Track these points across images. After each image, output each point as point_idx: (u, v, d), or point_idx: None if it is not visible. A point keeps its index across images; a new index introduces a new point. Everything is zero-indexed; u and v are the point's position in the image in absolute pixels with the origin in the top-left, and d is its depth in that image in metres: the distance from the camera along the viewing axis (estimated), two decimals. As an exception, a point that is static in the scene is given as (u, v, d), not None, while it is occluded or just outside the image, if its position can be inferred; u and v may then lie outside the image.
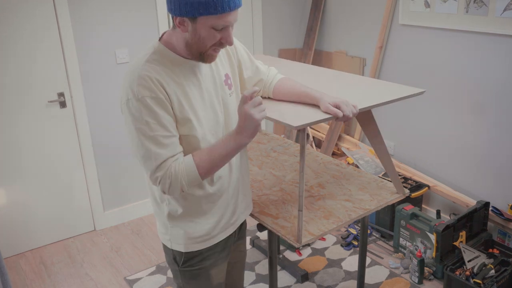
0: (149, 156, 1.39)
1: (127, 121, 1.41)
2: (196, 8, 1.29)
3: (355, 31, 3.77)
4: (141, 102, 1.35)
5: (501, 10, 2.68)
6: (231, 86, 1.59)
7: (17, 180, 3.17)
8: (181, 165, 1.41)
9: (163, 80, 1.38)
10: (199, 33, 1.35)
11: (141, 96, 1.35)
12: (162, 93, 1.37)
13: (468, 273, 2.54)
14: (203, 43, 1.38)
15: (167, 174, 1.40)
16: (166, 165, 1.40)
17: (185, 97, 1.42)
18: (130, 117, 1.38)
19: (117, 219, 3.64)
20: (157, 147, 1.38)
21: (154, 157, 1.39)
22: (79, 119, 3.28)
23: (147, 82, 1.36)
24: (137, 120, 1.37)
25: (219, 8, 1.30)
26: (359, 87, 1.88)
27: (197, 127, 1.45)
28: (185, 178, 1.41)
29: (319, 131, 4.19)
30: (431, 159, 3.35)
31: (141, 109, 1.35)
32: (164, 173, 1.40)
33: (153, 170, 1.41)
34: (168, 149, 1.40)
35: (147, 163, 1.41)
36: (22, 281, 3.01)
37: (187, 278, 1.69)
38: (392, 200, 1.99)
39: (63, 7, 3.04)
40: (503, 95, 2.82)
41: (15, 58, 2.98)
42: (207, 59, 1.43)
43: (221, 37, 1.38)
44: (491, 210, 2.91)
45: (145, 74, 1.37)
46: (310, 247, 3.22)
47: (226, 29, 1.37)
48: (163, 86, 1.38)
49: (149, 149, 1.38)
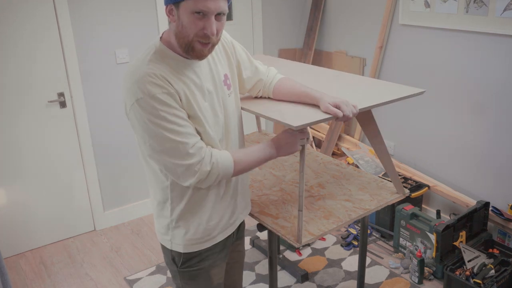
0: (176, 147, 1.39)
1: (140, 121, 1.39)
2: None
3: (355, 31, 3.77)
4: (154, 99, 1.35)
5: (501, 10, 2.68)
6: (230, 86, 1.59)
7: (17, 180, 3.17)
8: (220, 158, 1.46)
9: (168, 77, 1.39)
10: (182, 20, 1.36)
11: (152, 94, 1.35)
12: (171, 88, 1.38)
13: (468, 273, 2.54)
14: (186, 31, 1.37)
15: (206, 161, 1.43)
16: (200, 152, 1.42)
17: (191, 94, 1.43)
18: (145, 115, 1.37)
19: (117, 219, 3.64)
20: (181, 137, 1.39)
21: (183, 147, 1.39)
22: (79, 119, 3.28)
23: (155, 80, 1.36)
24: (154, 117, 1.36)
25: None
26: (359, 87, 1.88)
27: (205, 123, 1.47)
28: (221, 171, 1.46)
29: (319, 131, 4.19)
30: (431, 159, 3.34)
31: (155, 105, 1.36)
32: (200, 160, 1.42)
33: (183, 158, 1.40)
34: (191, 137, 1.41)
35: (175, 155, 1.40)
36: (22, 281, 3.01)
37: (186, 279, 1.69)
38: (392, 200, 1.99)
39: (63, 7, 3.04)
40: (503, 95, 2.82)
41: (15, 58, 2.98)
42: (193, 53, 1.41)
43: (203, 26, 1.37)
44: (491, 210, 2.91)
45: (152, 72, 1.37)
46: (310, 247, 3.22)
47: (208, 18, 1.36)
48: (170, 82, 1.39)
49: (175, 140, 1.38)
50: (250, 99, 1.81)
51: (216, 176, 1.46)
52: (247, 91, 1.79)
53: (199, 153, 1.42)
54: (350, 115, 1.56)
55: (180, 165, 1.41)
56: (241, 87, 1.74)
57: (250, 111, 1.70)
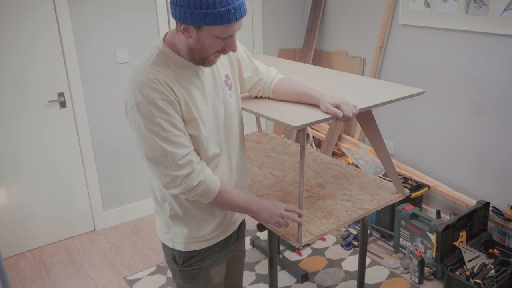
0: (165, 156, 1.39)
1: (136, 124, 1.40)
2: (203, 18, 1.28)
3: (355, 31, 3.77)
4: (152, 105, 1.36)
5: (501, 10, 2.68)
6: (231, 86, 1.60)
7: (17, 180, 3.17)
8: (209, 179, 1.46)
9: (170, 82, 1.39)
10: (203, 41, 1.35)
11: (152, 99, 1.35)
12: (171, 94, 1.38)
13: (468, 273, 2.54)
14: (206, 50, 1.38)
15: (194, 177, 1.42)
16: (189, 166, 1.42)
17: (191, 99, 1.43)
18: (142, 120, 1.38)
19: (117, 219, 3.64)
20: (172, 147, 1.39)
21: (172, 157, 1.39)
22: (79, 119, 3.28)
23: (156, 85, 1.36)
24: (150, 122, 1.37)
25: (225, 19, 1.29)
26: (359, 87, 1.88)
27: (202, 128, 1.46)
28: (204, 192, 1.46)
29: (319, 131, 4.19)
30: (431, 159, 3.34)
31: (153, 111, 1.36)
32: (188, 173, 1.42)
33: (171, 168, 1.41)
34: (183, 147, 1.41)
35: (164, 163, 1.41)
36: (22, 281, 3.01)
37: (186, 278, 1.69)
38: (392, 200, 1.99)
39: (63, 7, 3.04)
40: (503, 95, 2.82)
41: (15, 58, 2.98)
42: (207, 64, 1.44)
43: (224, 44, 1.38)
44: (491, 210, 2.91)
45: (154, 77, 1.37)
46: (310, 247, 3.22)
47: (231, 37, 1.37)
48: (171, 88, 1.39)
49: (165, 149, 1.39)
50: (250, 99, 1.81)
51: (196, 193, 1.46)
52: (247, 91, 1.79)
53: (188, 166, 1.42)
54: (350, 115, 1.56)
55: (167, 174, 1.42)
56: (241, 87, 1.74)
57: (250, 111, 1.70)
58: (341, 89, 1.83)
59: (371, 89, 1.85)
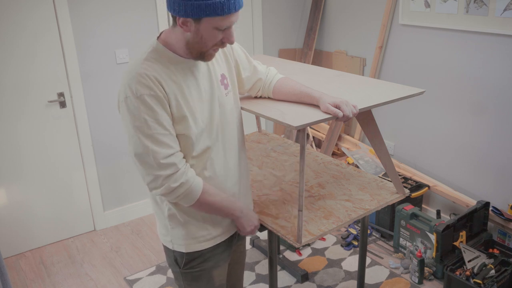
0: (147, 154, 1.39)
1: (124, 119, 1.41)
2: (203, 10, 1.30)
3: (355, 31, 3.77)
4: (139, 100, 1.35)
5: (501, 10, 2.68)
6: (227, 86, 1.59)
7: (17, 180, 3.17)
8: (192, 180, 1.44)
9: (161, 79, 1.39)
10: (202, 33, 1.36)
11: (139, 94, 1.35)
12: (160, 91, 1.37)
13: (468, 273, 2.54)
14: (205, 43, 1.38)
15: (176, 178, 1.41)
16: (172, 167, 1.40)
17: (182, 96, 1.43)
18: (128, 115, 1.38)
19: (117, 219, 3.64)
20: (155, 145, 1.38)
21: (153, 155, 1.38)
22: (79, 119, 3.28)
23: (145, 80, 1.36)
24: (135, 118, 1.37)
25: (226, 10, 1.31)
26: (359, 87, 1.88)
27: (193, 126, 1.45)
28: (187, 193, 1.44)
29: (319, 131, 4.19)
30: (431, 159, 3.34)
31: (140, 106, 1.36)
32: (169, 174, 1.40)
33: (153, 167, 1.40)
34: (166, 147, 1.40)
35: (146, 161, 1.40)
36: (22, 281, 3.01)
37: (188, 280, 1.68)
38: (392, 200, 1.99)
39: (63, 7, 3.04)
40: (503, 95, 2.82)
41: (15, 58, 2.98)
42: (206, 58, 1.44)
43: (223, 36, 1.39)
44: (491, 210, 2.91)
45: (144, 72, 1.37)
46: (310, 247, 3.22)
47: (229, 29, 1.38)
48: (161, 84, 1.38)
49: (147, 147, 1.38)
50: (250, 99, 1.80)
51: (178, 195, 1.44)
52: (247, 91, 1.79)
53: (171, 167, 1.41)
54: (350, 115, 1.56)
55: (149, 173, 1.42)
56: (241, 87, 1.73)
57: (250, 111, 1.70)
58: (341, 89, 1.83)
59: (371, 89, 1.85)
